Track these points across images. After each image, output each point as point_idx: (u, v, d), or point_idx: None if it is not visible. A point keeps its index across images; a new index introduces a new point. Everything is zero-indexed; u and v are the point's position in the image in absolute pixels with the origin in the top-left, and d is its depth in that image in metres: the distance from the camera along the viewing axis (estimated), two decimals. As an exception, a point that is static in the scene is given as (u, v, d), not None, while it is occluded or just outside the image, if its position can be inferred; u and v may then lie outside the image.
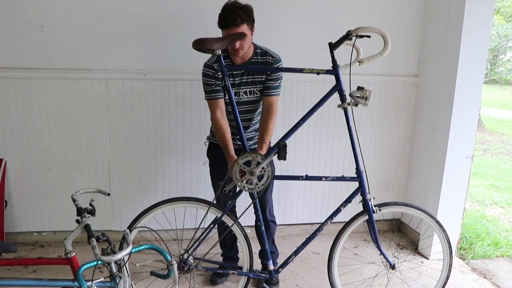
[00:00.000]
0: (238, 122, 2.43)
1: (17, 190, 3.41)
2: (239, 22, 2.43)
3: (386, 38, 2.24)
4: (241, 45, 2.49)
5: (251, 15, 2.52)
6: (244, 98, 2.71)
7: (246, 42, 2.52)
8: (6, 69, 3.19)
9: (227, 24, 2.45)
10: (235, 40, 2.40)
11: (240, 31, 2.45)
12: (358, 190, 2.47)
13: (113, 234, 3.49)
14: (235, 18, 2.43)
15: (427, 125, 3.59)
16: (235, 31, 2.44)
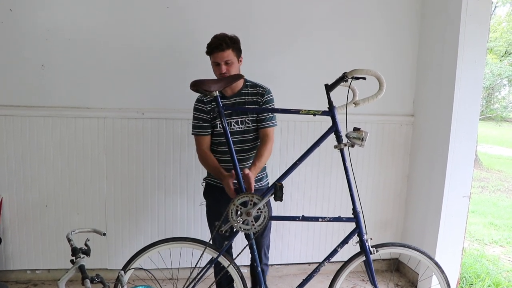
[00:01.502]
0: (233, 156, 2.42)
1: (12, 227, 3.38)
2: (224, 47, 2.56)
3: (381, 80, 2.27)
4: (227, 70, 2.60)
5: (237, 44, 2.66)
6: (235, 128, 2.74)
7: (233, 67, 2.63)
8: (5, 106, 3.23)
9: (212, 49, 2.59)
10: (232, 82, 2.45)
11: (226, 56, 2.57)
12: (355, 231, 2.45)
13: (108, 272, 3.44)
14: (220, 43, 2.57)
15: (424, 164, 3.60)
16: (221, 56, 2.57)
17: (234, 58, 2.63)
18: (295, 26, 3.48)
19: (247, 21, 3.39)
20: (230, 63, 2.61)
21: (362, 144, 2.30)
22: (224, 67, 2.59)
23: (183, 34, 3.30)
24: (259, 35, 3.43)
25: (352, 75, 2.27)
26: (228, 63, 2.61)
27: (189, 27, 3.31)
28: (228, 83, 2.43)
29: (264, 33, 3.44)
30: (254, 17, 3.42)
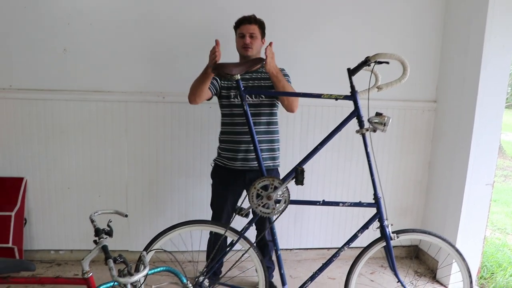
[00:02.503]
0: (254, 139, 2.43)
1: (36, 209, 3.45)
2: (252, 20, 2.79)
3: (405, 65, 2.24)
4: (251, 43, 2.78)
5: (263, 25, 2.88)
6: (248, 101, 2.80)
7: (256, 43, 2.81)
8: (29, 90, 3.28)
9: (241, 21, 2.81)
10: (253, 66, 2.45)
11: (252, 29, 2.78)
12: (375, 216, 2.44)
13: (129, 254, 3.50)
14: (249, 17, 2.81)
15: (446, 151, 3.55)
16: (248, 28, 2.79)
17: (258, 34, 2.82)
18: (317, 11, 3.44)
19: (269, 7, 3.36)
20: (255, 36, 2.80)
21: (384, 129, 2.28)
22: (248, 39, 2.77)
23: (206, 19, 3.29)
24: (281, 20, 3.40)
25: (375, 59, 2.24)
26: (253, 36, 2.79)
27: (212, 13, 3.30)
28: (249, 67, 2.42)
29: (287, 18, 3.41)
30: (277, 2, 3.39)
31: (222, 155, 2.95)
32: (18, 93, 3.28)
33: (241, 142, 2.86)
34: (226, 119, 2.92)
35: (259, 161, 2.43)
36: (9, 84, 3.27)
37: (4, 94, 3.26)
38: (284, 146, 3.52)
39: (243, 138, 2.86)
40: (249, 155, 2.87)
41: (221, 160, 2.96)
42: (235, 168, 2.91)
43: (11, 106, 3.29)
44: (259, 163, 2.43)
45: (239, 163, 2.89)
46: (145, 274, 1.67)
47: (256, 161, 2.82)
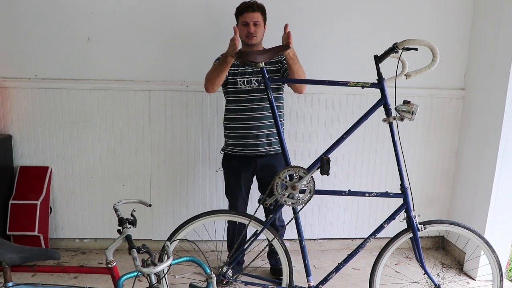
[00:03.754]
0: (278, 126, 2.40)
1: (61, 197, 3.49)
2: (255, 8, 2.77)
3: (434, 51, 2.17)
4: (255, 31, 2.77)
5: (265, 11, 2.86)
6: (255, 86, 2.84)
7: (260, 30, 2.81)
8: (54, 80, 3.30)
9: (243, 9, 2.79)
10: (278, 53, 2.40)
11: (256, 17, 2.76)
12: (402, 207, 2.38)
13: (153, 243, 3.51)
14: (251, 4, 2.78)
15: (474, 140, 3.46)
16: (251, 16, 2.76)
17: (261, 21, 2.81)
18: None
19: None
20: (258, 24, 2.79)
21: (412, 118, 2.22)
22: (252, 27, 2.77)
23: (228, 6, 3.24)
24: (305, 7, 3.34)
25: (403, 46, 2.18)
26: (257, 24, 2.78)
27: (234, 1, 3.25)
28: (274, 54, 2.38)
29: (311, 6, 3.35)
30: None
31: (230, 143, 2.97)
32: (43, 82, 3.30)
33: (251, 128, 2.87)
34: (232, 105, 2.93)
35: (283, 149, 2.40)
36: (34, 74, 3.30)
37: (29, 83, 3.29)
38: (309, 135, 3.50)
39: (252, 124, 2.87)
40: (259, 141, 2.88)
41: (230, 148, 2.98)
42: (246, 154, 2.92)
43: (36, 96, 3.32)
44: (283, 151, 2.40)
45: (249, 149, 2.90)
46: (169, 264, 1.66)
47: (266, 146, 2.88)
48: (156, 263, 1.68)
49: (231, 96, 2.91)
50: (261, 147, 2.89)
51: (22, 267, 1.79)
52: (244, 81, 2.85)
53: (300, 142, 3.50)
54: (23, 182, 3.36)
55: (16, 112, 3.34)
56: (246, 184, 3.01)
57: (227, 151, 3.01)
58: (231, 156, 2.99)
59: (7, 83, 3.28)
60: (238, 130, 2.91)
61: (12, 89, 3.30)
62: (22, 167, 3.40)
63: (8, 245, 1.73)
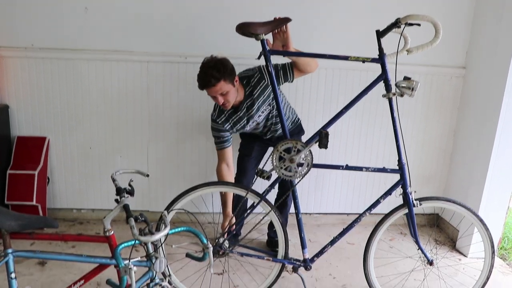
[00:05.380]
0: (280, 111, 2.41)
1: (59, 168, 3.50)
2: (213, 82, 2.50)
3: (437, 27, 2.15)
4: (225, 99, 2.59)
5: (226, 70, 2.53)
6: (259, 119, 2.83)
7: (231, 94, 2.60)
8: (51, 49, 3.26)
9: (203, 86, 2.57)
10: (280, 25, 2.37)
11: (219, 89, 2.52)
12: (399, 183, 2.40)
13: (150, 214, 3.54)
14: (208, 80, 2.50)
15: (473, 119, 3.46)
16: (214, 90, 2.54)
17: (227, 86, 2.55)
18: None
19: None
20: (226, 92, 2.57)
21: (412, 94, 2.22)
22: (221, 98, 2.58)
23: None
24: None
25: (406, 21, 2.16)
26: (223, 93, 2.57)
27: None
28: (275, 26, 2.35)
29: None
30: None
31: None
32: (40, 52, 3.26)
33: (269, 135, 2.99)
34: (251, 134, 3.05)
35: (282, 124, 2.40)
36: (30, 43, 3.26)
37: (25, 53, 3.25)
38: (307, 110, 3.49)
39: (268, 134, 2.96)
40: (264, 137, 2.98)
41: None
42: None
43: (32, 65, 3.29)
44: (282, 125, 2.40)
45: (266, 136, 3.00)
46: (166, 234, 1.68)
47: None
48: (153, 232, 1.69)
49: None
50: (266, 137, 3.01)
51: (21, 234, 1.80)
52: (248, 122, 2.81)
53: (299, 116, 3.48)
54: (21, 152, 3.36)
55: (13, 82, 3.30)
56: (258, 153, 3.10)
57: None
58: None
59: (3, 52, 3.24)
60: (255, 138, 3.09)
61: (8, 58, 3.26)
62: (20, 137, 3.39)
63: (7, 213, 1.74)
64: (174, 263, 2.80)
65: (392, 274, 2.96)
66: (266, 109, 2.78)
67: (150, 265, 1.82)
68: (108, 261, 1.83)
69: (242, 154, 3.13)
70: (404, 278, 2.92)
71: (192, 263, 2.71)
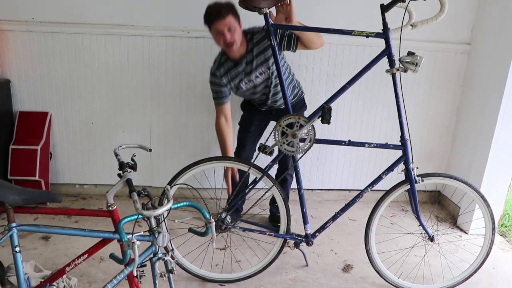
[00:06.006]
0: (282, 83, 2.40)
1: (61, 143, 3.50)
2: (224, 13, 2.46)
3: (443, 1, 2.12)
4: (232, 37, 2.51)
5: (235, 9, 2.52)
6: (258, 80, 2.76)
7: (237, 34, 2.54)
8: (52, 23, 3.23)
9: (212, 18, 2.49)
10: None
11: (228, 23, 2.47)
12: (401, 159, 2.40)
13: (152, 190, 3.55)
14: (219, 11, 2.46)
15: (477, 96, 3.43)
16: (223, 23, 2.47)
17: (235, 23, 2.51)
18: None
19: None
20: (233, 29, 2.51)
21: (416, 70, 2.19)
22: (228, 34, 2.50)
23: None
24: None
25: (411, -5, 2.12)
26: (231, 29, 2.51)
27: None
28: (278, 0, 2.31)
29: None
30: None
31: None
32: (41, 26, 3.23)
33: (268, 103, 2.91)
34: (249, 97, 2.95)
35: (285, 98, 2.39)
36: (31, 16, 3.22)
37: (26, 26, 3.22)
38: (310, 85, 3.47)
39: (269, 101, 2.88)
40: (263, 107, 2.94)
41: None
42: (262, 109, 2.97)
43: (34, 39, 3.26)
44: (285, 100, 2.39)
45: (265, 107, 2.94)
46: (169, 208, 1.68)
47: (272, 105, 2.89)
48: (156, 206, 1.70)
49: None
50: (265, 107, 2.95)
51: (25, 208, 1.81)
52: (246, 81, 2.76)
53: (302, 91, 3.49)
54: (23, 127, 3.36)
55: (14, 56, 3.28)
56: (257, 127, 3.09)
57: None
58: (248, 101, 3.10)
59: (4, 26, 3.21)
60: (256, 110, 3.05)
61: (8, 32, 3.23)
62: (22, 112, 3.38)
63: (10, 187, 1.74)
64: (176, 238, 2.83)
65: (393, 250, 2.98)
66: (264, 72, 2.72)
67: (153, 240, 1.82)
68: (111, 235, 1.84)
69: (241, 129, 3.13)
70: (405, 254, 2.95)
71: (194, 238, 2.73)
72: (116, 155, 1.99)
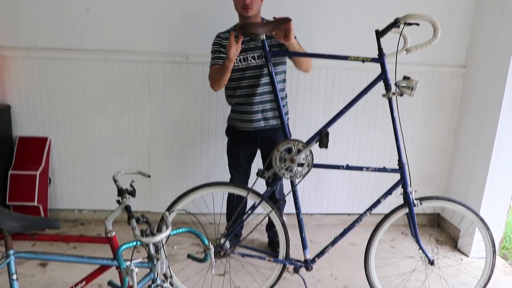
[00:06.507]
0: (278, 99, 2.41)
1: (60, 168, 3.50)
2: None
3: (436, 26, 2.16)
4: (251, 2, 2.61)
5: None
6: (252, 63, 2.77)
7: (256, 2, 2.65)
8: (53, 49, 3.27)
9: None
10: (279, 25, 2.38)
11: None
12: (399, 182, 2.40)
13: (151, 215, 3.54)
14: None
15: (473, 118, 3.46)
16: None
17: None
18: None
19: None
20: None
21: (411, 94, 2.22)
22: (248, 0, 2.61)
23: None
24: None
25: (405, 21, 2.17)
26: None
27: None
28: (275, 27, 2.36)
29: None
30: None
31: (231, 116, 2.99)
32: (42, 52, 3.27)
33: (245, 104, 2.85)
34: (237, 83, 2.85)
35: (283, 123, 2.41)
36: (32, 43, 3.27)
37: (27, 53, 3.26)
38: (308, 110, 3.50)
39: (247, 100, 2.84)
40: (254, 117, 2.86)
41: (231, 121, 3.01)
42: (244, 130, 2.93)
43: (35, 65, 3.30)
44: (283, 125, 2.41)
45: (245, 124, 2.90)
46: (168, 235, 1.68)
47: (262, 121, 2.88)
48: (155, 233, 1.70)
49: (236, 74, 2.83)
50: (256, 122, 2.87)
51: (23, 235, 1.81)
52: (240, 59, 2.77)
53: (300, 116, 3.50)
54: (22, 153, 3.37)
55: (15, 81, 3.31)
56: (246, 156, 3.03)
57: (228, 123, 3.06)
58: (231, 128, 3.04)
59: (5, 52, 3.25)
60: (235, 105, 2.92)
61: (10, 58, 3.27)
62: (21, 138, 3.40)
63: (9, 214, 1.74)
64: (175, 264, 2.81)
65: (393, 275, 2.97)
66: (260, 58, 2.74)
67: (151, 266, 1.82)
68: (109, 262, 1.83)
69: (231, 157, 3.09)
70: (405, 278, 2.93)
71: (193, 264, 2.71)
72: (115, 181, 1.99)
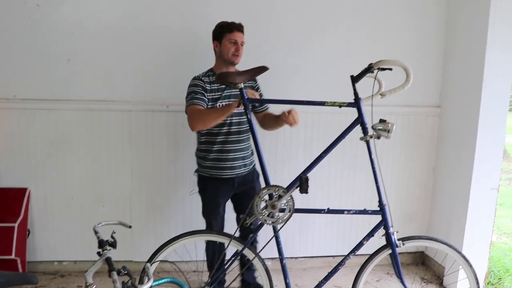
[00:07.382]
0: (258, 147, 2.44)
1: (40, 219, 3.44)
2: (242, 28, 2.81)
3: (408, 71, 2.24)
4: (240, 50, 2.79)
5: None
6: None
7: (242, 51, 2.82)
8: (33, 100, 3.28)
9: (233, 27, 2.77)
10: (257, 74, 2.44)
11: (243, 37, 2.81)
12: (381, 224, 2.42)
13: (133, 264, 3.47)
14: (240, 24, 2.81)
15: (450, 156, 3.53)
16: (240, 36, 2.79)
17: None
18: (318, 18, 3.43)
19: (269, 14, 3.38)
20: (243, 45, 2.81)
21: (388, 136, 2.27)
22: (240, 47, 2.79)
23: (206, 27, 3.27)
24: (281, 28, 3.40)
25: (378, 66, 2.24)
26: (242, 45, 2.81)
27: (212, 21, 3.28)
28: (253, 75, 2.42)
29: (287, 26, 3.41)
30: (276, 10, 3.39)
31: (206, 165, 2.90)
32: (22, 103, 3.28)
33: (228, 152, 2.85)
34: (218, 129, 2.81)
35: (263, 168, 2.43)
36: (13, 94, 3.28)
37: (8, 104, 3.27)
38: (288, 154, 3.53)
39: (230, 147, 2.85)
40: (235, 163, 2.87)
41: (206, 170, 2.92)
42: (222, 177, 2.89)
43: (15, 116, 3.29)
44: (263, 170, 2.43)
45: (226, 171, 2.87)
46: (149, 286, 1.65)
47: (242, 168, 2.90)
48: (136, 285, 1.67)
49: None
50: (237, 169, 2.88)
51: (-1, 293, 1.76)
52: (222, 105, 2.78)
53: (280, 161, 3.53)
54: (1, 204, 3.30)
55: (-6, 133, 3.30)
56: (224, 203, 3.01)
57: (202, 173, 2.96)
58: (206, 178, 2.94)
59: (-15, 104, 3.26)
60: (214, 153, 2.86)
61: (-10, 110, 3.27)
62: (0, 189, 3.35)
63: (-15, 271, 1.70)
64: (159, 315, 2.74)
65: (380, 316, 2.94)
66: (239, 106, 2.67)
67: (134, 320, 1.78)
68: (90, 317, 1.78)
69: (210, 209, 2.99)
70: (392, 319, 2.90)
71: (177, 313, 2.65)
72: (95, 233, 1.97)
